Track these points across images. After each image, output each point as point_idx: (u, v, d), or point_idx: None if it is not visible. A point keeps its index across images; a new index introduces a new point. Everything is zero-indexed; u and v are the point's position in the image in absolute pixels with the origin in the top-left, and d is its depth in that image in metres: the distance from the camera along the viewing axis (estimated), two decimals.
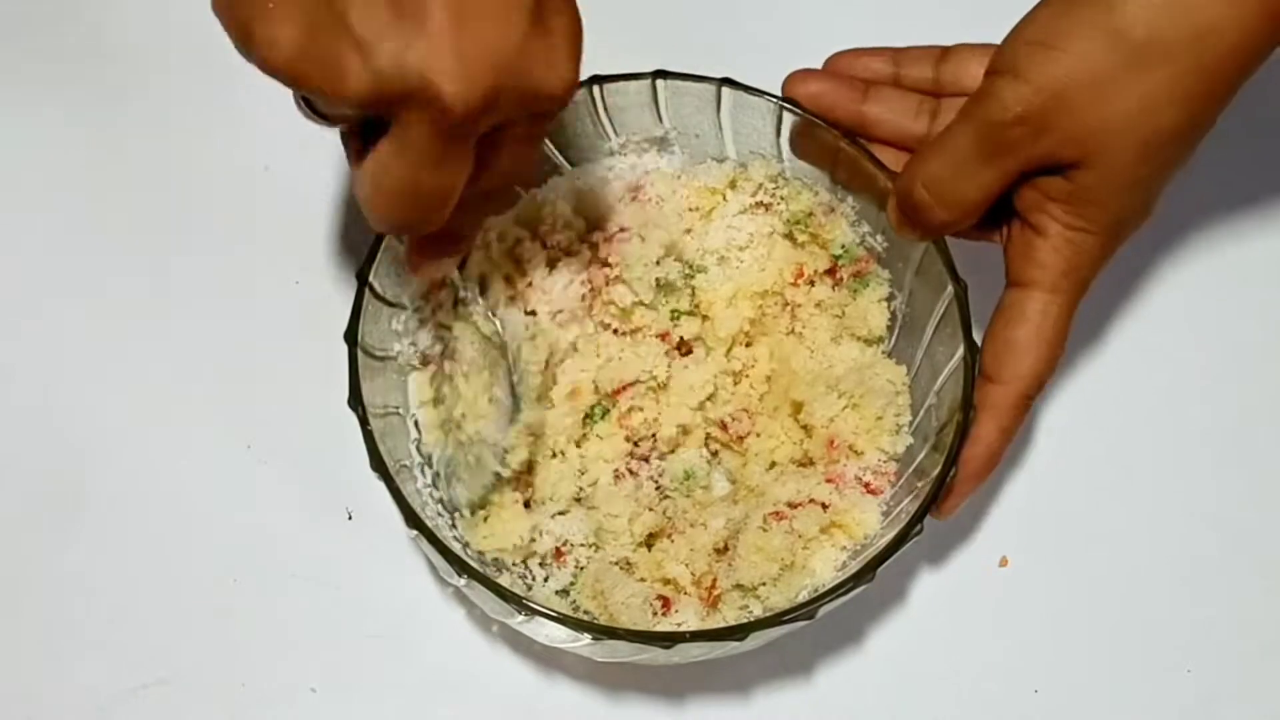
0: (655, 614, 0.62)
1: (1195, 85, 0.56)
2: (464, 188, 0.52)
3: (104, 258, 0.76)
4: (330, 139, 0.77)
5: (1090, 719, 0.68)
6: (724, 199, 0.69)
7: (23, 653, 0.68)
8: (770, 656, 0.67)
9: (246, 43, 0.47)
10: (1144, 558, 0.71)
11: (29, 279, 0.76)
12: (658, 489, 0.67)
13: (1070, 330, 0.62)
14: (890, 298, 0.68)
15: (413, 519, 0.56)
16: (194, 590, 0.69)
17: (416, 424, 0.66)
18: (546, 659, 0.68)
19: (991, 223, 0.63)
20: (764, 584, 0.62)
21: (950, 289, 0.62)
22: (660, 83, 0.66)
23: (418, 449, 0.65)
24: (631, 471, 0.67)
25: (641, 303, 0.67)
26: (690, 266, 0.69)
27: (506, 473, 0.63)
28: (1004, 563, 0.71)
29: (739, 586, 0.62)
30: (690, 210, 0.69)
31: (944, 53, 0.67)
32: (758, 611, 0.62)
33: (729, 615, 0.62)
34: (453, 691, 0.67)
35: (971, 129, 0.59)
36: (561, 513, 0.66)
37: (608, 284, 0.67)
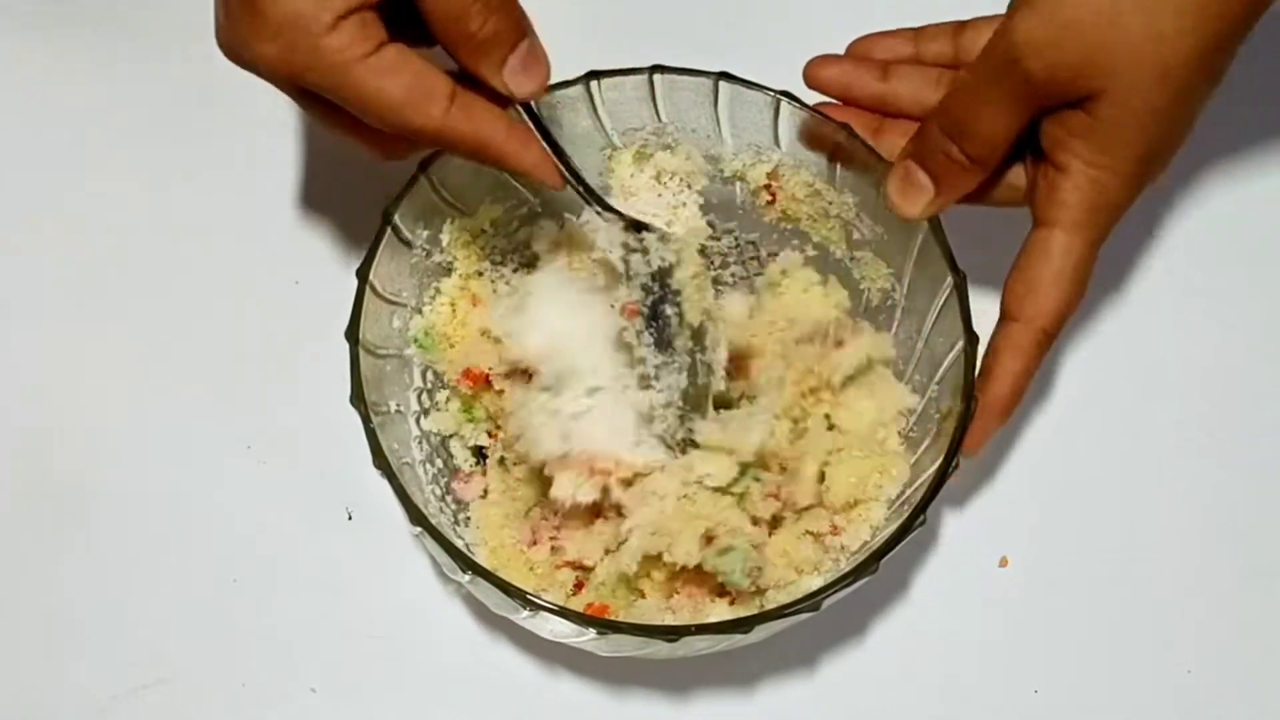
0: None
1: (1209, 5, 0.55)
2: None
3: (104, 258, 0.76)
4: (329, 138, 0.78)
5: (1090, 719, 0.68)
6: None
7: (23, 653, 0.68)
8: (774, 651, 0.67)
9: None
10: (1144, 558, 0.71)
11: (29, 279, 0.76)
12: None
13: (1093, 271, 0.61)
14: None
15: (416, 516, 0.56)
16: (194, 590, 0.69)
17: (418, 420, 0.66)
18: (549, 655, 0.68)
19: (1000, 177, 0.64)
20: (776, 586, 0.63)
21: (950, 279, 0.62)
22: (657, 77, 0.66)
23: (419, 445, 0.65)
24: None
25: None
26: None
27: None
28: (1004, 563, 0.71)
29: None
30: None
31: (960, 26, 0.67)
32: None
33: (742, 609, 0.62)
34: (454, 690, 0.67)
35: (988, 66, 0.59)
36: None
37: None
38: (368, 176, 0.66)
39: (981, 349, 0.61)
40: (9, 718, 0.66)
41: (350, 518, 0.70)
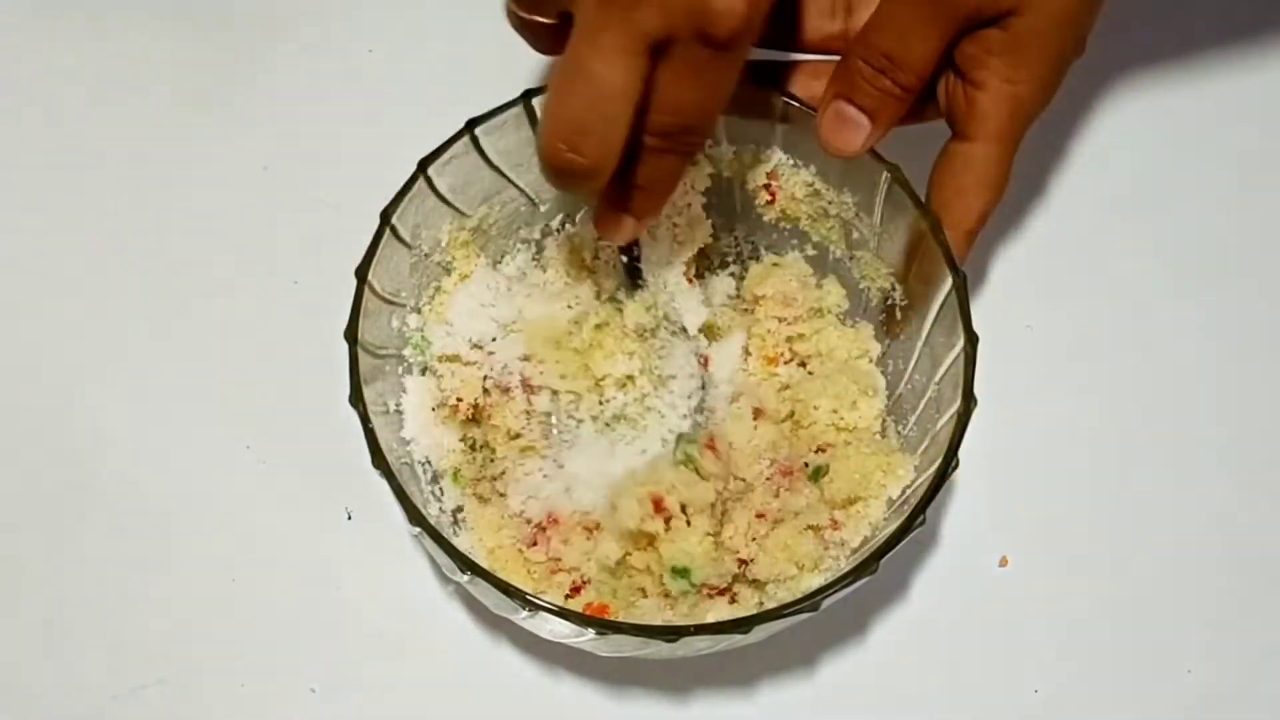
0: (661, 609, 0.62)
1: None
2: (636, 122, 0.52)
3: (104, 258, 0.76)
4: (328, 139, 0.78)
5: (1090, 719, 0.68)
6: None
7: (23, 653, 0.68)
8: (773, 652, 0.67)
9: None
10: (1144, 558, 0.71)
11: (29, 280, 0.76)
12: None
13: (1011, 171, 0.64)
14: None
15: (415, 516, 0.56)
16: (194, 590, 0.69)
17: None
18: (548, 656, 0.68)
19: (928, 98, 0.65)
20: (776, 581, 0.63)
21: (950, 280, 0.62)
22: None
23: (419, 445, 0.65)
24: None
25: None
26: None
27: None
28: (1004, 563, 0.71)
29: (754, 582, 0.63)
30: None
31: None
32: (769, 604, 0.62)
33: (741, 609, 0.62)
34: (453, 690, 0.67)
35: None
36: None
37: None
38: (368, 176, 0.66)
39: (983, 349, 0.61)
40: (9, 718, 0.66)
41: (350, 518, 0.71)
